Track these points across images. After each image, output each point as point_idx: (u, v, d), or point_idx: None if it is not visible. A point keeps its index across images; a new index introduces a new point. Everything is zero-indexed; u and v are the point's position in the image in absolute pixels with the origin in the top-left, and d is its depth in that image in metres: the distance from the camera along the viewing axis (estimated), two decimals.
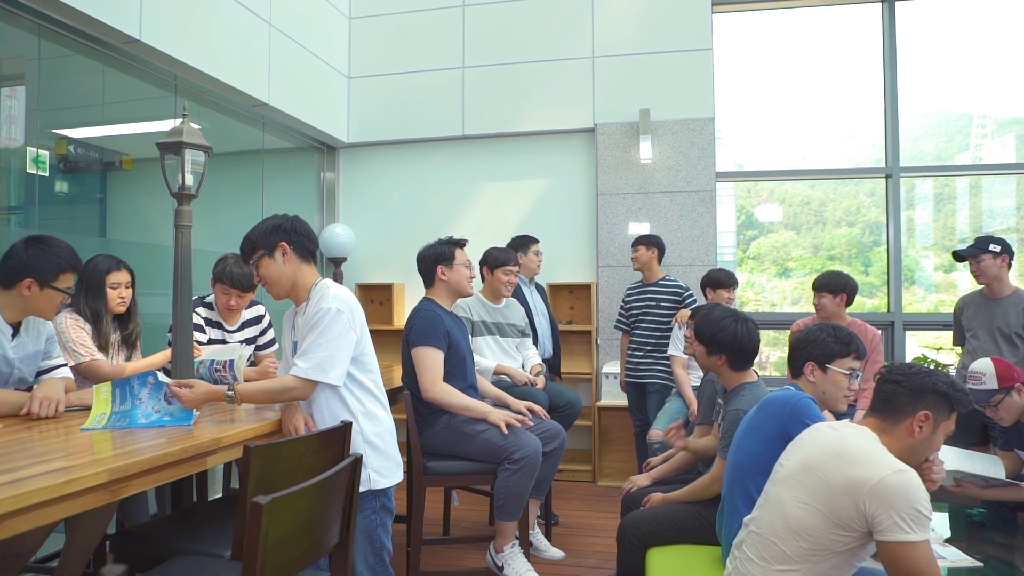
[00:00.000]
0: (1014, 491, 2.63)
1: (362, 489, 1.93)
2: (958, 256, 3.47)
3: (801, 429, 1.76)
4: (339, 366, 1.94)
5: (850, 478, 1.44)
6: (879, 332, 3.61)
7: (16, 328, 2.09)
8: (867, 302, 5.41)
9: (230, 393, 1.93)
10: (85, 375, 2.43)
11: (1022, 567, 2.20)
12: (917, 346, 5.15)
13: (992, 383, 2.66)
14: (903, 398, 1.59)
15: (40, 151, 3.33)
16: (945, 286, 5.65)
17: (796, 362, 2.23)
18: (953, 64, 5.33)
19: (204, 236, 4.06)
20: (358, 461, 1.44)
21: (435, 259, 2.72)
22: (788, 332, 4.72)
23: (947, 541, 2.40)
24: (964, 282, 5.40)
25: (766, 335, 5.39)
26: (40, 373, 2.18)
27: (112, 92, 3.86)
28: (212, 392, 1.93)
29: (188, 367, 2.14)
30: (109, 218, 3.94)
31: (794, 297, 5.83)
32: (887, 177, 5.19)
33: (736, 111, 5.49)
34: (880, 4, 5.22)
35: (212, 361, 2.52)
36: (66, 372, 2.23)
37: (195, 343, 2.55)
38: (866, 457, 1.46)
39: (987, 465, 2.73)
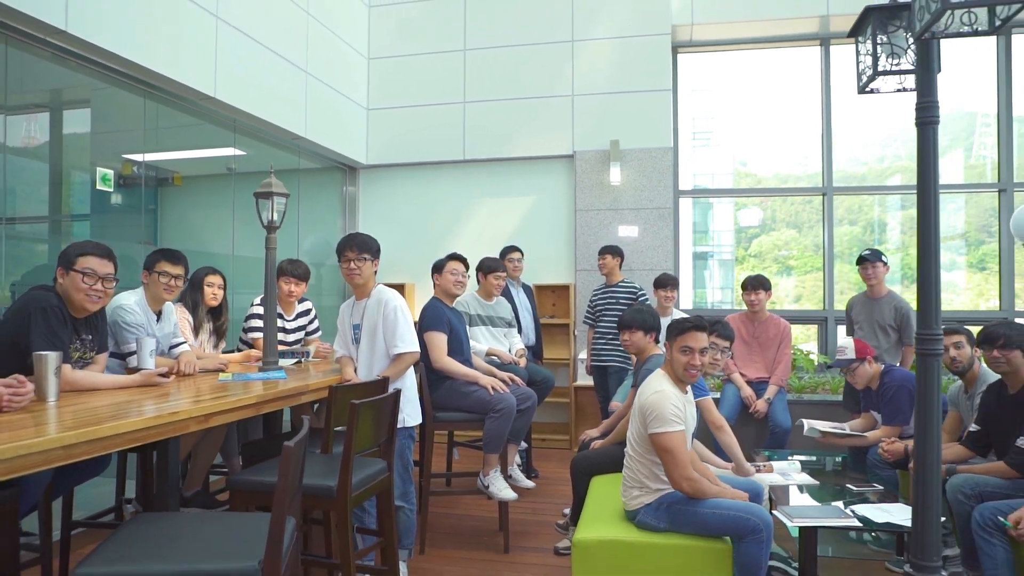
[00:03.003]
0: (861, 440, 3.62)
1: (399, 426, 2.92)
2: (861, 259, 4.42)
3: None
4: (417, 340, 3.02)
5: (637, 405, 2.52)
6: (788, 324, 4.61)
7: (158, 315, 3.09)
8: None
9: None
10: None
11: (851, 486, 3.18)
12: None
13: (851, 354, 3.65)
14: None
15: (106, 170, 4.12)
16: (947, 286, 6.31)
17: None
18: (955, 65, 5.89)
19: (249, 244, 5.03)
20: (399, 392, 2.45)
21: (433, 269, 3.78)
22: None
23: (807, 472, 3.40)
24: (962, 281, 6.23)
25: None
26: (171, 347, 3.18)
27: (177, 123, 4.65)
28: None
29: (274, 349, 3.14)
30: (160, 227, 4.76)
31: (795, 295, 6.44)
32: (823, 195, 6.15)
33: (735, 127, 6.52)
34: (819, 47, 6.19)
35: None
36: (187, 347, 3.22)
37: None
38: (643, 389, 2.52)
39: (841, 428, 3.75)
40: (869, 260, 4.35)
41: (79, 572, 1.40)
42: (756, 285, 4.54)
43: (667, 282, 4.74)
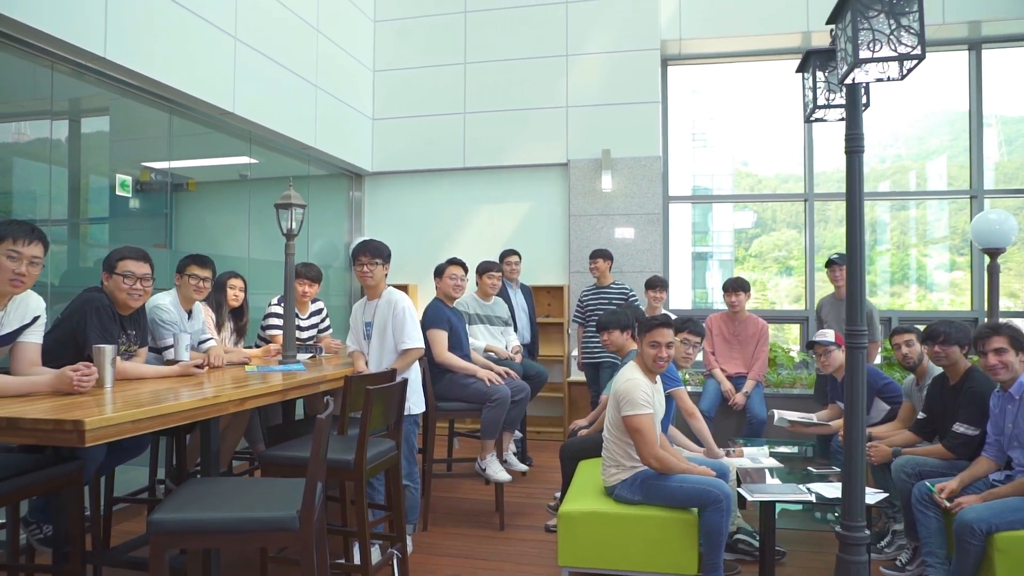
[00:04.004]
0: (825, 428, 3.97)
1: (405, 413, 3.27)
2: (829, 262, 4.77)
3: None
4: (422, 337, 3.38)
5: (612, 392, 2.86)
6: (766, 323, 4.96)
7: (189, 314, 3.44)
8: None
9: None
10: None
11: (813, 469, 3.51)
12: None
13: (831, 338, 3.99)
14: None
15: (125, 176, 4.39)
16: (946, 286, 6.61)
17: None
18: (956, 65, 6.19)
19: (264, 248, 5.38)
20: (406, 380, 2.81)
21: (435, 273, 4.13)
22: (788, 328, 6.20)
23: (773, 457, 3.74)
24: (963, 281, 6.45)
25: None
26: (200, 343, 3.53)
27: (196, 134, 4.96)
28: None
29: (292, 344, 3.49)
30: (174, 231, 4.98)
31: (795, 295, 6.66)
32: (805, 201, 6.50)
33: (732, 130, 6.90)
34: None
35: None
36: (214, 343, 3.57)
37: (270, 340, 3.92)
38: (617, 378, 2.86)
39: (808, 418, 4.09)
40: (837, 263, 4.70)
41: (154, 518, 1.75)
42: (736, 287, 4.89)
43: (656, 284, 5.11)
